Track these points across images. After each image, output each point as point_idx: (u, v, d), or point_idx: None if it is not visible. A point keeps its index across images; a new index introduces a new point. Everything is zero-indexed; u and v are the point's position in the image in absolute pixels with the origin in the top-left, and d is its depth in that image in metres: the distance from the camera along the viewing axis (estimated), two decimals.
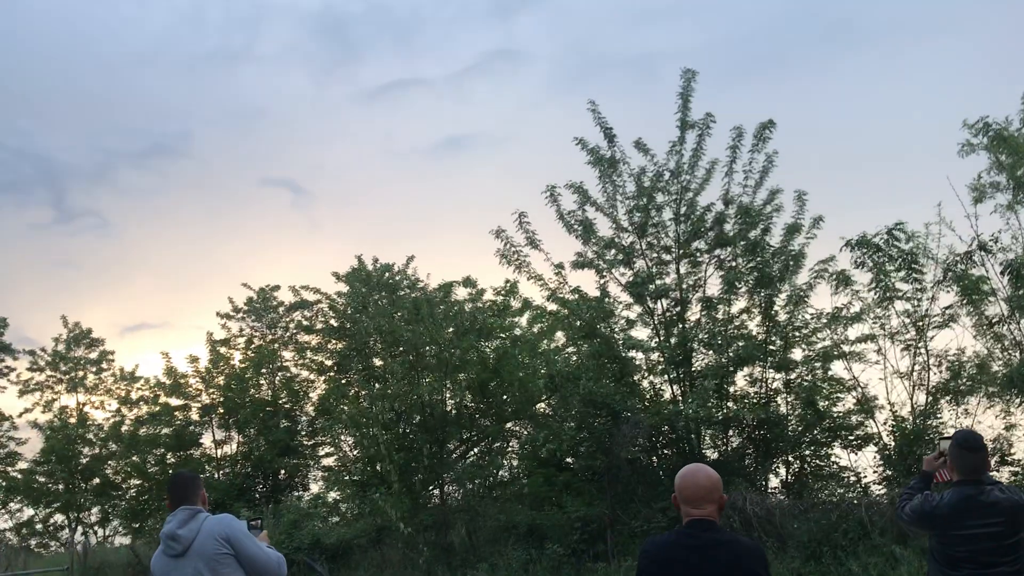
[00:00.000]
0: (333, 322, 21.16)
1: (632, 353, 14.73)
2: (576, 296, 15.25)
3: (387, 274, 20.94)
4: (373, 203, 50.67)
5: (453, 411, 16.88)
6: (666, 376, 14.85)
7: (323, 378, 21.62)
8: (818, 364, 14.02)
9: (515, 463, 18.41)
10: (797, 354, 14.37)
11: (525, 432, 17.61)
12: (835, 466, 14.05)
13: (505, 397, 17.27)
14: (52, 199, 56.75)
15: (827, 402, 13.94)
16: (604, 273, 15.18)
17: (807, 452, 14.39)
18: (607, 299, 15.20)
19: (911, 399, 12.70)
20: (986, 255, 12.29)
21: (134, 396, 22.79)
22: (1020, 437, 12.84)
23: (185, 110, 53.99)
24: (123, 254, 49.96)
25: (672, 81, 15.27)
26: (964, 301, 12.46)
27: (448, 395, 16.60)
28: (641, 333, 15.08)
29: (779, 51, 48.06)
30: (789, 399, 14.35)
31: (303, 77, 54.62)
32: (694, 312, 14.84)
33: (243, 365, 22.26)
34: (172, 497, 4.69)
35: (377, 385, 17.40)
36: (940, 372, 12.73)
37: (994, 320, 12.52)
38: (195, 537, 4.46)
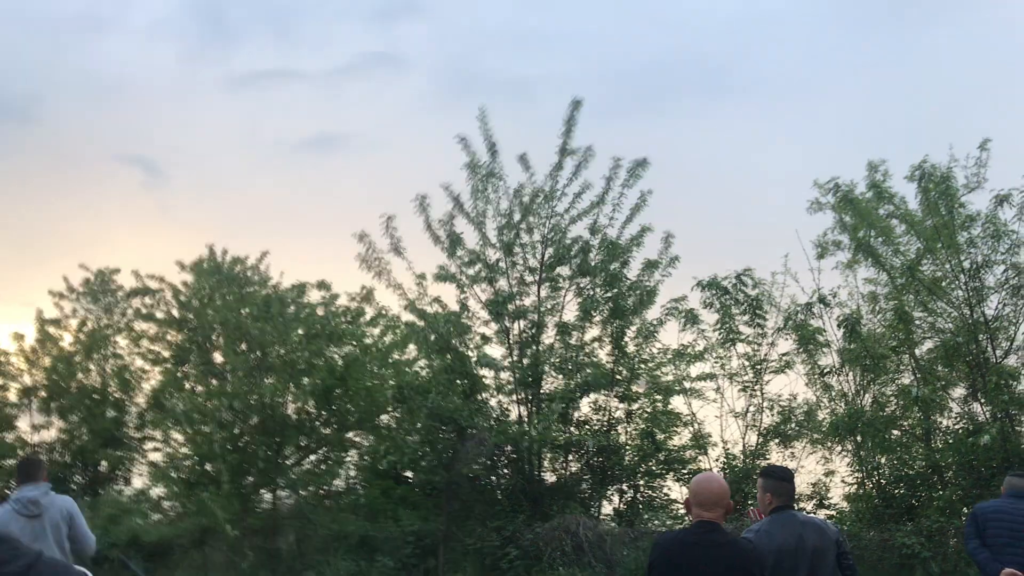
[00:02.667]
0: (175, 312, 20.22)
1: (484, 371, 14.75)
2: (434, 309, 15.15)
3: (238, 267, 20.19)
4: (231, 193, 48.87)
5: (294, 415, 16.39)
6: (515, 396, 14.94)
7: (158, 369, 20.59)
8: (659, 397, 14.45)
9: (353, 473, 18.05)
10: (641, 385, 14.77)
11: (367, 443, 17.31)
12: (667, 497, 14.48)
13: (349, 406, 16.92)
14: None
15: (664, 435, 14.36)
16: (465, 288, 15.16)
17: (641, 482, 14.77)
18: (465, 314, 15.17)
19: (743, 438, 13.27)
20: (824, 308, 13.04)
21: None
22: (837, 483, 13.64)
23: (37, 72, 50.72)
24: None
25: (548, 107, 15.66)
26: (800, 349, 13.16)
27: (291, 398, 16.11)
28: (495, 351, 15.13)
29: (656, 91, 49.78)
30: (629, 429, 14.72)
31: (171, 54, 52.30)
32: (549, 336, 15.02)
33: (72, 348, 20.96)
34: (23, 474, 5.96)
35: (215, 382, 16.72)
36: (772, 415, 13.38)
37: (825, 370, 13.25)
38: (49, 506, 5.71)
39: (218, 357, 18.72)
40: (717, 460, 13.52)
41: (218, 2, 52.93)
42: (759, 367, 13.24)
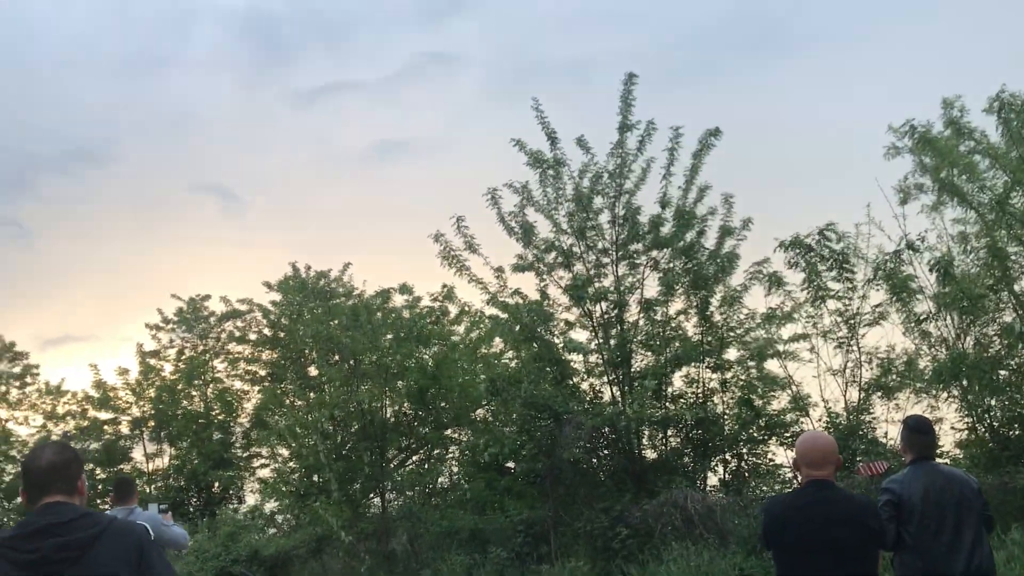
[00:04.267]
0: (267, 331, 20.84)
1: (572, 356, 14.80)
2: (515, 300, 15.25)
3: (322, 281, 20.71)
4: (306, 209, 49.98)
5: (392, 419, 16.74)
6: (606, 378, 14.95)
7: (257, 388, 21.27)
8: (752, 363, 14.28)
9: (456, 469, 18.34)
10: (732, 354, 14.63)
11: (465, 438, 17.56)
12: (772, 463, 14.32)
13: (444, 404, 17.20)
14: None
15: (762, 400, 14.20)
16: (544, 276, 15.22)
17: (744, 450, 14.63)
18: (546, 302, 15.23)
19: (844, 396, 13.03)
20: (914, 254, 12.69)
21: (60, 411, 22.12)
22: (946, 431, 13.29)
23: (109, 114, 52.60)
24: (45, 264, 48.38)
25: (607, 86, 15.48)
26: (893, 299, 12.83)
27: (387, 402, 16.45)
28: (580, 335, 15.17)
29: (713, 56, 48.94)
30: (725, 398, 14.59)
31: (232, 81, 53.74)
32: (632, 314, 14.97)
33: (174, 377, 21.77)
34: (116, 495, 6.57)
35: (313, 394, 17.18)
36: (871, 369, 13.09)
37: (922, 317, 12.91)
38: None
39: (313, 370, 19.24)
40: (819, 420, 13.30)
41: (269, 23, 53.99)
42: (852, 322, 12.96)
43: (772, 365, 14.12)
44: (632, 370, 14.67)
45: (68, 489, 2.98)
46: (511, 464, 15.71)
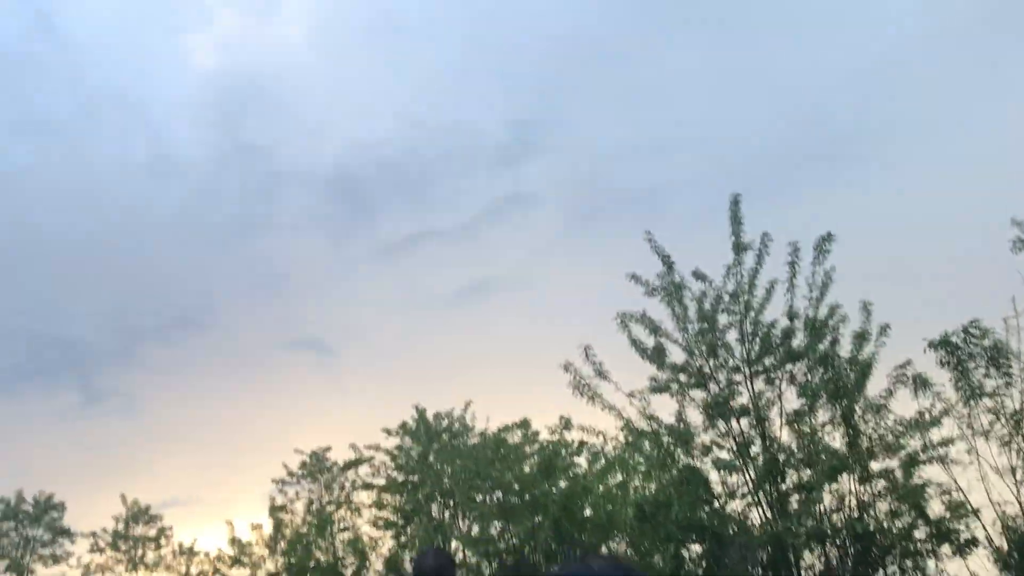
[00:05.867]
0: (396, 475, 21.06)
1: (718, 475, 14.65)
2: (652, 422, 15.27)
3: (446, 421, 21.02)
4: (398, 356, 50.95)
5: (535, 551, 16.59)
6: (752, 497, 14.70)
7: (389, 533, 21.31)
8: (909, 470, 13.91)
9: None
10: (884, 462, 14.28)
11: None
12: (943, 573, 13.71)
13: (581, 535, 17.01)
14: (79, 382, 57.04)
15: (923, 507, 13.74)
16: (678, 397, 15.26)
17: (908, 561, 14.06)
18: (683, 423, 15.21)
19: (1017, 497, 12.55)
20: None
21: (194, 571, 22.43)
22: None
23: (207, 281, 55.26)
24: (152, 431, 49.84)
25: (682, 210, 15.96)
26: None
27: (530, 535, 16.35)
28: (722, 455, 15.02)
29: (789, 170, 49.38)
30: (883, 508, 14.16)
31: (321, 238, 56.23)
32: (775, 428, 14.83)
33: (304, 529, 22.00)
34: None
35: (456, 531, 17.18)
36: None
37: None
38: None
39: (444, 512, 19.29)
40: (993, 524, 12.81)
41: (353, 183, 56.69)
42: (1017, 417, 12.63)
43: (929, 471, 13.74)
44: (782, 486, 14.41)
45: None
46: None
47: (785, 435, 14.66)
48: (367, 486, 22.38)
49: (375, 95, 63.09)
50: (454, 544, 17.51)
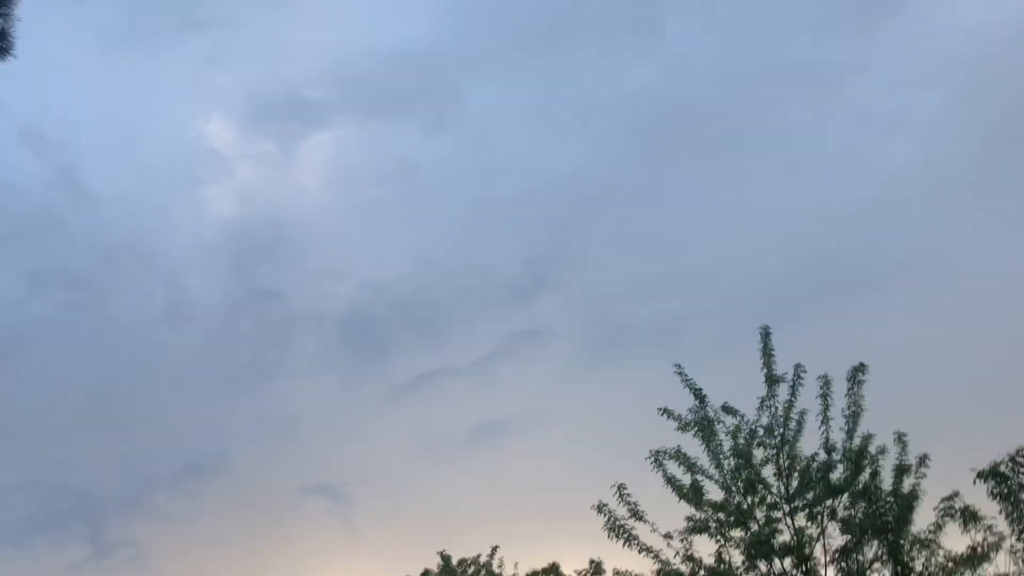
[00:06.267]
0: None
1: None
2: (691, 563, 14.75)
3: (472, 568, 20.36)
4: (412, 498, 49.91)
5: None
6: None
7: None
8: None
9: None
10: None
11: None
12: None
13: None
14: (89, 533, 55.78)
15: None
16: (718, 536, 14.80)
17: None
18: (723, 563, 14.70)
19: None
20: None
21: None
22: None
23: (219, 428, 54.71)
24: None
25: (700, 341, 16.00)
26: None
27: None
28: None
29: (804, 299, 49.44)
30: None
31: (334, 381, 55.92)
32: (819, 567, 14.31)
33: None
34: None
35: None
36: None
37: None
38: None
39: None
40: None
41: (366, 324, 56.99)
42: None
43: None
44: None
45: None
46: None
47: (831, 574, 14.16)
48: None
49: (390, 238, 64.14)
50: None
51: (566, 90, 64.31)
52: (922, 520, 13.89)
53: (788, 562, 14.44)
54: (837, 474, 14.62)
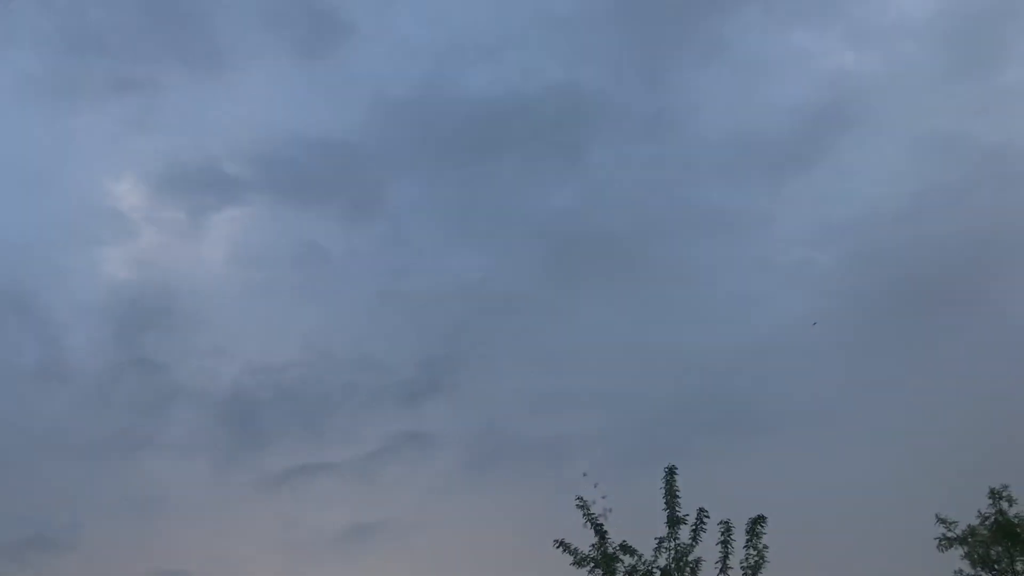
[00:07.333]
0: None
1: None
2: None
3: None
4: None
5: None
6: None
7: None
8: None
9: None
10: None
11: None
12: None
13: None
14: None
15: None
16: None
17: None
18: None
19: None
20: None
21: None
22: None
23: (75, 498, 51.03)
24: None
25: (582, 465, 16.07)
26: None
27: None
28: None
29: (686, 435, 50.37)
30: None
31: (206, 463, 53.26)
32: None
33: None
34: None
35: None
36: None
37: None
38: None
39: None
40: None
41: (250, 407, 54.90)
42: None
43: None
44: None
45: None
46: None
47: None
48: None
49: (287, 323, 63.01)
50: None
51: (485, 200, 65.58)
52: None
53: None
54: None
